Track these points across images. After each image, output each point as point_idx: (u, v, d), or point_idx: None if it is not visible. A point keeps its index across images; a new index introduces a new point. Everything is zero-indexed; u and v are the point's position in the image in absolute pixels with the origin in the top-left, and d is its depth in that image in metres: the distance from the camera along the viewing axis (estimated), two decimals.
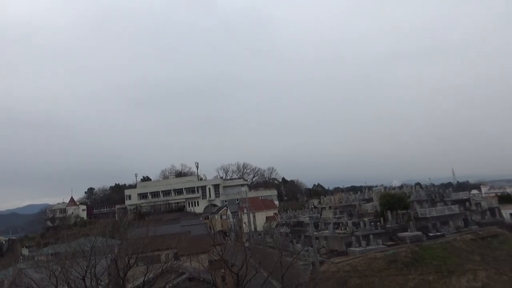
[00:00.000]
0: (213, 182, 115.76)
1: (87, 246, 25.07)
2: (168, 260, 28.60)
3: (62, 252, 25.47)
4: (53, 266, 23.07)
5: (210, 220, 79.47)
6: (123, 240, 27.23)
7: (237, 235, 42.36)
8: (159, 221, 47.51)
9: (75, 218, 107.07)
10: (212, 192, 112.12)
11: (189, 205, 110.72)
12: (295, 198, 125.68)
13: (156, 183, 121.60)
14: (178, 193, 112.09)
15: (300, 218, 64.20)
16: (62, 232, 71.49)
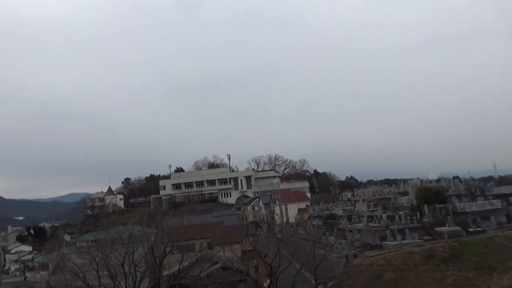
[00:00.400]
0: (245, 174, 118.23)
1: (125, 234, 26.15)
2: (202, 249, 29.36)
3: (102, 239, 26.70)
4: (94, 252, 24.32)
5: (243, 211, 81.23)
6: (159, 229, 28.18)
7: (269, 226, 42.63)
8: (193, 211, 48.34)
9: (113, 207, 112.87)
10: (244, 183, 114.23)
11: (221, 196, 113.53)
12: (327, 190, 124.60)
13: (190, 174, 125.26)
14: (211, 184, 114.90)
15: (333, 210, 63.70)
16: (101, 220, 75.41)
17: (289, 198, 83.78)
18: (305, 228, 54.03)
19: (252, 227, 38.18)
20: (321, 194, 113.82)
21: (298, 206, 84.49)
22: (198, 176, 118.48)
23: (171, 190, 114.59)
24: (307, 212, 79.03)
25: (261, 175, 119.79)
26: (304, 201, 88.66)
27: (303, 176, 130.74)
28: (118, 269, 23.83)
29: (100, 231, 31.63)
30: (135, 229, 26.95)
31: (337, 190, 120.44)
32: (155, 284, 26.78)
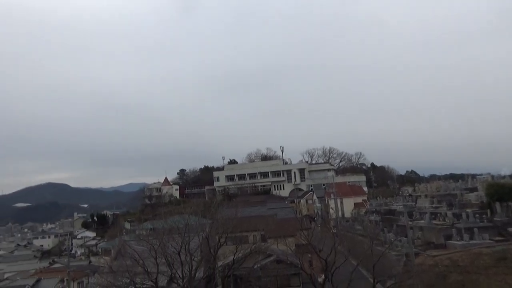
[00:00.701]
0: (299, 166, 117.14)
1: (181, 224, 27.36)
2: (255, 241, 30.00)
3: (159, 228, 28.03)
4: (152, 240, 25.71)
5: (296, 204, 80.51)
6: (214, 220, 29.04)
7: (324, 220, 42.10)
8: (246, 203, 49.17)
9: (169, 197, 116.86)
10: (297, 176, 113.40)
11: (274, 189, 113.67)
12: (385, 184, 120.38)
13: (243, 166, 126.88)
14: (264, 176, 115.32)
15: (392, 206, 61.54)
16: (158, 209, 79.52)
17: (345, 192, 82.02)
18: (362, 223, 52.84)
19: (306, 220, 37.84)
20: (379, 189, 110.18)
21: (354, 201, 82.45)
22: (251, 168, 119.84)
23: (224, 182, 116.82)
24: (364, 207, 77.02)
25: (315, 168, 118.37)
26: (360, 196, 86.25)
27: (359, 170, 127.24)
28: (175, 257, 24.88)
29: (158, 220, 33.37)
30: (190, 219, 27.98)
31: (396, 184, 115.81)
32: (210, 273, 27.76)
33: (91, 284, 29.84)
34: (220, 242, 27.36)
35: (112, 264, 28.94)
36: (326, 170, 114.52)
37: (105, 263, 36.56)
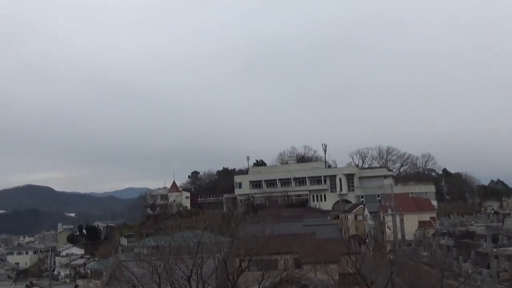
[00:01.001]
0: (346, 171, 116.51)
1: (193, 241, 27.57)
2: (287, 267, 29.76)
3: (165, 246, 28.41)
4: (155, 262, 26.08)
5: (342, 221, 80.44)
6: (234, 238, 29.14)
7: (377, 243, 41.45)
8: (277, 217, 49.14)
9: (177, 206, 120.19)
10: (344, 183, 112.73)
11: (313, 199, 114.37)
12: (462, 198, 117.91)
13: (272, 169, 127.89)
14: (300, 183, 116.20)
15: (470, 226, 60.22)
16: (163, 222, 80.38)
17: (407, 206, 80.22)
18: (429, 248, 51.99)
19: (354, 242, 37.42)
20: (453, 203, 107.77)
21: (419, 218, 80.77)
22: (284, 172, 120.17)
23: (248, 189, 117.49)
24: (432, 226, 75.54)
25: (367, 174, 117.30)
26: (427, 212, 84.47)
27: (427, 177, 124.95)
28: (183, 284, 25.17)
29: (163, 235, 33.65)
30: (204, 236, 28.10)
31: (476, 198, 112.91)
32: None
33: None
34: (242, 267, 27.27)
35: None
36: (383, 176, 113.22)
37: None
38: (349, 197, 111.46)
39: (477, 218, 67.11)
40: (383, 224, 75.04)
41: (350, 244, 31.12)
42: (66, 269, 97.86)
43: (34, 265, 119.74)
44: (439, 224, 73.49)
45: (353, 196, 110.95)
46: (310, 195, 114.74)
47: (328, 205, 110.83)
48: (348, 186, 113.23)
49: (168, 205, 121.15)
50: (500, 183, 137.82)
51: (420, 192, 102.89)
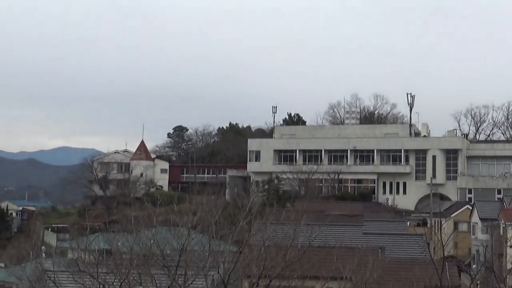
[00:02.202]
0: (445, 145, 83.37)
1: (172, 247, 20.89)
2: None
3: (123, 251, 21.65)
4: (105, 276, 19.59)
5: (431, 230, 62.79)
6: (243, 246, 21.78)
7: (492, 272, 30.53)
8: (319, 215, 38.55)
9: (147, 185, 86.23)
10: (440, 166, 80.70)
11: (384, 189, 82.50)
12: None
13: (316, 131, 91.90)
14: (363, 159, 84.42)
15: None
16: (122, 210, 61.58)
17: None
18: None
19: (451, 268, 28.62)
20: None
21: None
22: (336, 139, 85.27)
23: (272, 164, 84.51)
24: None
25: (483, 151, 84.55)
26: None
27: None
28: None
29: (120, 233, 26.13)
30: (192, 240, 20.79)
31: None
32: None
33: None
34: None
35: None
36: (510, 158, 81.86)
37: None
38: (447, 189, 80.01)
39: None
40: (504, 241, 59.38)
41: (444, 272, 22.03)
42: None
43: None
44: None
45: (455, 188, 79.25)
46: (380, 182, 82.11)
47: (409, 200, 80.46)
48: (448, 171, 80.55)
49: (132, 181, 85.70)
50: None
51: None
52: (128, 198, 75.29)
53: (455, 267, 33.97)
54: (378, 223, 51.92)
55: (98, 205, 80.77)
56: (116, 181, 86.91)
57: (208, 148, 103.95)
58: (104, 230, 35.06)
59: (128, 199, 74.50)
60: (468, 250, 62.58)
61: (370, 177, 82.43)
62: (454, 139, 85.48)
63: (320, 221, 29.66)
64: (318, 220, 29.45)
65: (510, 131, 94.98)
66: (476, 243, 61.14)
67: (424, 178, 79.59)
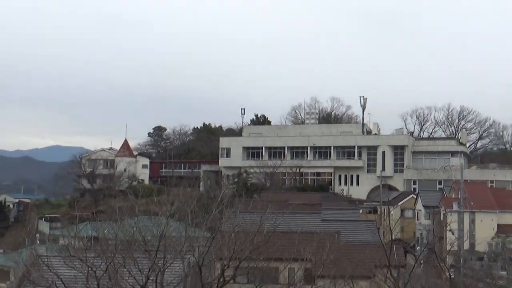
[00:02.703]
0: (393, 142, 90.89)
1: (152, 233, 22.85)
2: (293, 281, 25.46)
3: (109, 238, 23.76)
4: (93, 260, 20.96)
5: (381, 216, 66.05)
6: (216, 232, 23.93)
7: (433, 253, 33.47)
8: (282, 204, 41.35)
9: (130, 179, 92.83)
10: (388, 160, 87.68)
11: (339, 181, 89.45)
12: None
13: (280, 130, 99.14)
14: (321, 155, 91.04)
15: None
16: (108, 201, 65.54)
17: (483, 200, 67.79)
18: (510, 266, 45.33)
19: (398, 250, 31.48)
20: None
21: (500, 220, 68.16)
22: (297, 137, 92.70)
23: (241, 159, 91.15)
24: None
25: (425, 147, 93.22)
26: None
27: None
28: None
29: (106, 221, 28.40)
30: (170, 227, 22.80)
31: None
32: None
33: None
34: (225, 276, 21.84)
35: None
36: (449, 153, 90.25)
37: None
38: (395, 181, 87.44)
39: None
40: (444, 226, 63.95)
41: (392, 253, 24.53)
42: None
43: None
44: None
45: (401, 180, 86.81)
46: (336, 175, 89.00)
47: (362, 191, 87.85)
48: (395, 165, 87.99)
49: (116, 175, 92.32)
50: None
51: (505, 180, 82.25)
52: (113, 191, 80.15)
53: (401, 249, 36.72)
54: (335, 211, 55.30)
55: (86, 197, 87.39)
56: (102, 175, 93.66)
57: (184, 146, 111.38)
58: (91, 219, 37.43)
59: (113, 191, 78.92)
60: (413, 234, 69.15)
61: (327, 170, 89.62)
62: (401, 137, 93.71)
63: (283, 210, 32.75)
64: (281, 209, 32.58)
65: (450, 129, 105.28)
66: (419, 227, 68.74)
67: (374, 171, 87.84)
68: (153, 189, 53.96)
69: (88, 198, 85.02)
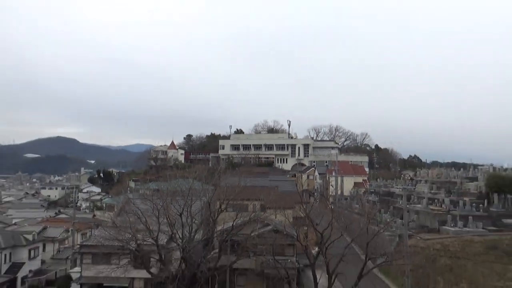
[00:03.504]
0: (303, 142, 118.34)
1: (185, 187, 27.68)
2: (255, 210, 30.47)
3: (163, 189, 28.38)
4: (156, 200, 26.24)
5: (297, 178, 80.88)
6: (217, 186, 29.42)
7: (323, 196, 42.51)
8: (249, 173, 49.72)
9: (174, 160, 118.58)
10: (301, 151, 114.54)
11: (277, 161, 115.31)
12: (387, 167, 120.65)
13: (249, 136, 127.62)
14: (268, 148, 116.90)
15: (391, 188, 61.96)
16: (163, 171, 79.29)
17: (346, 170, 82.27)
18: (360, 202, 53.26)
19: (305, 195, 38.16)
20: (380, 171, 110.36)
21: (355, 180, 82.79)
22: (257, 140, 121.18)
23: (229, 150, 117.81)
24: (363, 187, 77.54)
25: (319, 145, 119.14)
26: (361, 175, 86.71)
27: (363, 150, 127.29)
28: (176, 218, 25.60)
29: (162, 181, 33.25)
30: (194, 184, 28.34)
31: (397, 168, 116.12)
32: (208, 237, 28.60)
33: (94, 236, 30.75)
34: (221, 208, 27.84)
35: (116, 219, 29.88)
36: (330, 148, 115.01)
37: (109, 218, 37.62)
38: (304, 161, 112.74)
39: (396, 182, 69.34)
40: (328, 183, 76.76)
41: (303, 196, 31.68)
42: (86, 203, 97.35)
43: (62, 198, 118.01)
44: (369, 185, 75.47)
45: (308, 161, 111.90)
46: (276, 158, 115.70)
47: (288, 166, 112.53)
48: (305, 153, 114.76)
49: (167, 159, 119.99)
50: (416, 158, 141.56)
51: (357, 161, 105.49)
52: (166, 166, 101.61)
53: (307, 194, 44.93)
54: (276, 176, 66.39)
55: (153, 170, 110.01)
56: (160, 159, 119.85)
57: (201, 144, 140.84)
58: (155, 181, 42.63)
59: (166, 166, 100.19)
60: (313, 187, 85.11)
61: (271, 156, 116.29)
62: (307, 139, 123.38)
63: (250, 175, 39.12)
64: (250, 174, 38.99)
65: (330, 136, 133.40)
66: (316, 184, 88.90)
67: (294, 156, 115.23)
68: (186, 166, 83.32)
69: (153, 170, 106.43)
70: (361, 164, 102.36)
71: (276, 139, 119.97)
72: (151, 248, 25.10)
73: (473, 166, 70.50)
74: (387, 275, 33.24)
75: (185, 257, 24.67)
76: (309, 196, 45.00)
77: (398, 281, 31.37)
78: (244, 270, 28.66)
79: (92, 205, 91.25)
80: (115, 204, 46.11)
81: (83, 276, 29.16)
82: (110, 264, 26.82)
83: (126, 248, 24.88)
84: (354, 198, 63.54)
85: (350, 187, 78.56)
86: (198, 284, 24.80)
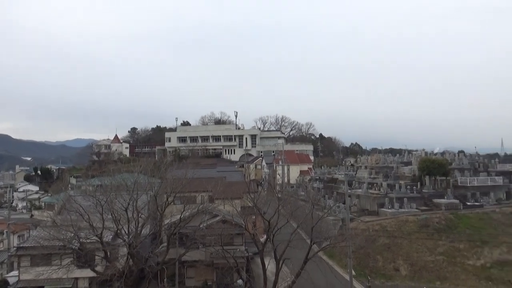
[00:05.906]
0: (251, 132, 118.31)
1: (130, 181, 27.05)
2: (203, 202, 30.56)
3: (107, 184, 27.55)
4: (99, 196, 25.37)
5: (245, 169, 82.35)
6: (163, 179, 28.99)
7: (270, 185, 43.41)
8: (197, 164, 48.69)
9: (118, 154, 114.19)
10: (249, 141, 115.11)
11: (225, 152, 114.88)
12: (331, 155, 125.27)
13: (195, 128, 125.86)
14: (216, 140, 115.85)
15: (334, 175, 64.44)
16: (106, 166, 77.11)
17: (292, 159, 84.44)
18: (305, 189, 54.97)
19: (253, 184, 38.66)
20: (324, 158, 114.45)
21: (301, 168, 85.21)
22: (204, 131, 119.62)
23: (176, 143, 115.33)
24: (309, 174, 79.87)
25: (266, 135, 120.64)
26: (306, 164, 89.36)
27: (308, 139, 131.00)
28: (121, 214, 25.00)
29: (106, 176, 32.06)
30: (139, 178, 27.76)
31: (340, 155, 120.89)
32: (156, 231, 28.13)
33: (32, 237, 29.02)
34: (168, 201, 27.59)
35: (56, 218, 28.51)
36: (277, 137, 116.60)
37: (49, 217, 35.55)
38: (252, 152, 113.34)
39: (339, 169, 72.32)
40: (275, 172, 78.04)
41: (250, 186, 32.17)
42: (23, 202, 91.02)
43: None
44: (314, 173, 77.92)
45: (255, 151, 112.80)
46: (223, 149, 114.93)
47: (236, 157, 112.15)
48: (252, 144, 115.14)
49: (111, 153, 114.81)
50: (357, 145, 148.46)
51: (302, 150, 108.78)
52: (109, 161, 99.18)
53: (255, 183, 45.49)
54: (223, 167, 66.13)
55: (95, 165, 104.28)
56: (103, 153, 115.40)
57: (147, 136, 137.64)
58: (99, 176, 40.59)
59: (110, 161, 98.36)
60: (261, 176, 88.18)
61: (219, 147, 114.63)
62: (254, 130, 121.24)
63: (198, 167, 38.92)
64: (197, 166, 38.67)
65: (276, 126, 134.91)
66: (264, 173, 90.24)
67: (242, 147, 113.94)
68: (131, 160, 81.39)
69: (96, 165, 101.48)
70: (307, 152, 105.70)
71: (223, 130, 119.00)
72: (96, 245, 24.24)
73: (407, 151, 75.35)
74: (331, 257, 34.92)
75: (132, 252, 24.17)
76: (256, 185, 45.50)
77: (342, 262, 33.11)
78: (193, 262, 28.56)
79: (30, 204, 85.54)
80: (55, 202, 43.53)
81: (21, 279, 27.48)
82: (51, 265, 25.54)
83: (68, 248, 23.86)
84: (300, 186, 65.40)
85: (296, 175, 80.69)
86: (146, 279, 24.41)
